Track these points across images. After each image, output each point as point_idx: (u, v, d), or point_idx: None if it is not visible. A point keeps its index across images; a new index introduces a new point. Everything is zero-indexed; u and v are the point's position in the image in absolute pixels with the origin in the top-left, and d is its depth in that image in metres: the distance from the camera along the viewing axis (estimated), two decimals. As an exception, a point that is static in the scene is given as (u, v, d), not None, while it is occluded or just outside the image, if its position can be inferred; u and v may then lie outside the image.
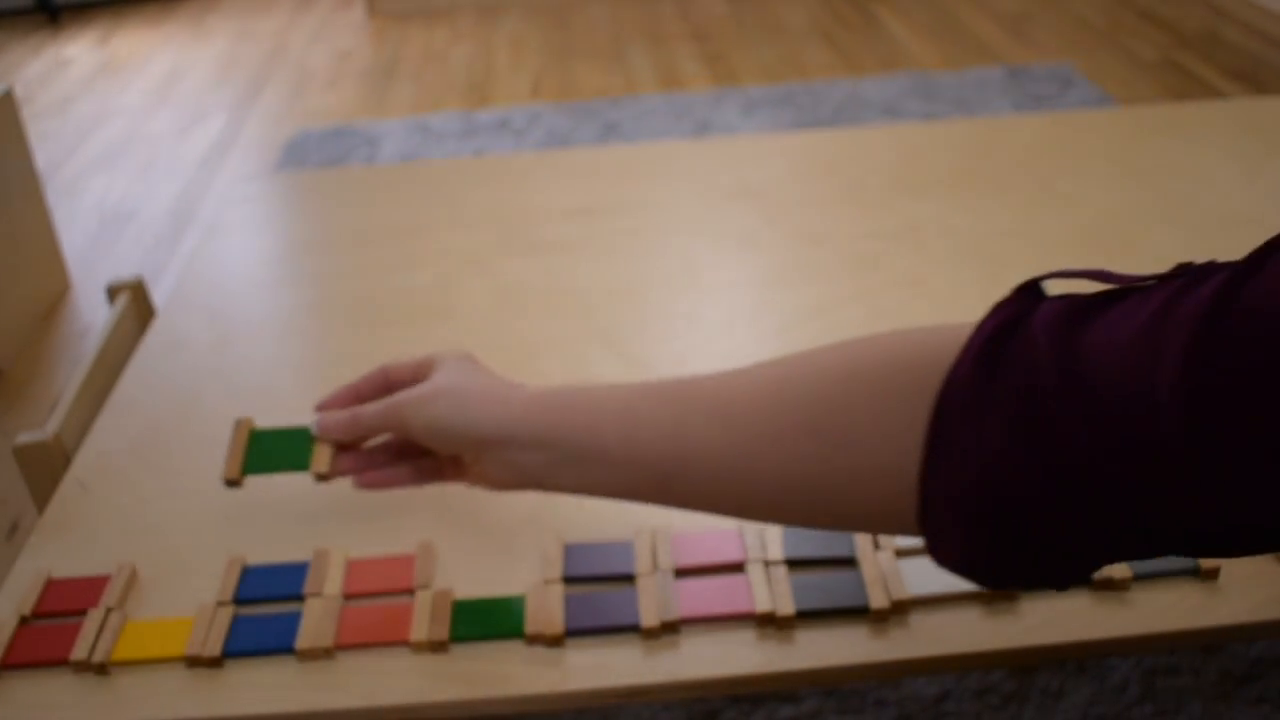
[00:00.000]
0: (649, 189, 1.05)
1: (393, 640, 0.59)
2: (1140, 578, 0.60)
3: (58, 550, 0.67)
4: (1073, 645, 0.58)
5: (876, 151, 1.09)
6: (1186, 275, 0.37)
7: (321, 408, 0.62)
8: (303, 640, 0.59)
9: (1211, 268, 0.36)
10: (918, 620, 0.59)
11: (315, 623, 0.60)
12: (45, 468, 0.74)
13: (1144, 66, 2.55)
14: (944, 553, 0.42)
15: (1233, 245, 0.89)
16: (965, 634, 0.58)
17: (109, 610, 0.61)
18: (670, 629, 0.59)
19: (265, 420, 0.67)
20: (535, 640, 0.59)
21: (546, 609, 0.60)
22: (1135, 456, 0.35)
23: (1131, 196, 0.98)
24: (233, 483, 0.64)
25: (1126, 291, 0.39)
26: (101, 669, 0.59)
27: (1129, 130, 1.10)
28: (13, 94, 1.86)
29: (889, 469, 0.42)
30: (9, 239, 1.82)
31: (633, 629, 0.59)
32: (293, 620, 0.60)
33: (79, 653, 0.59)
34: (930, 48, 2.73)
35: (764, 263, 0.93)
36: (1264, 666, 1.05)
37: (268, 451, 0.64)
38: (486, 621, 0.60)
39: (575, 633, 0.59)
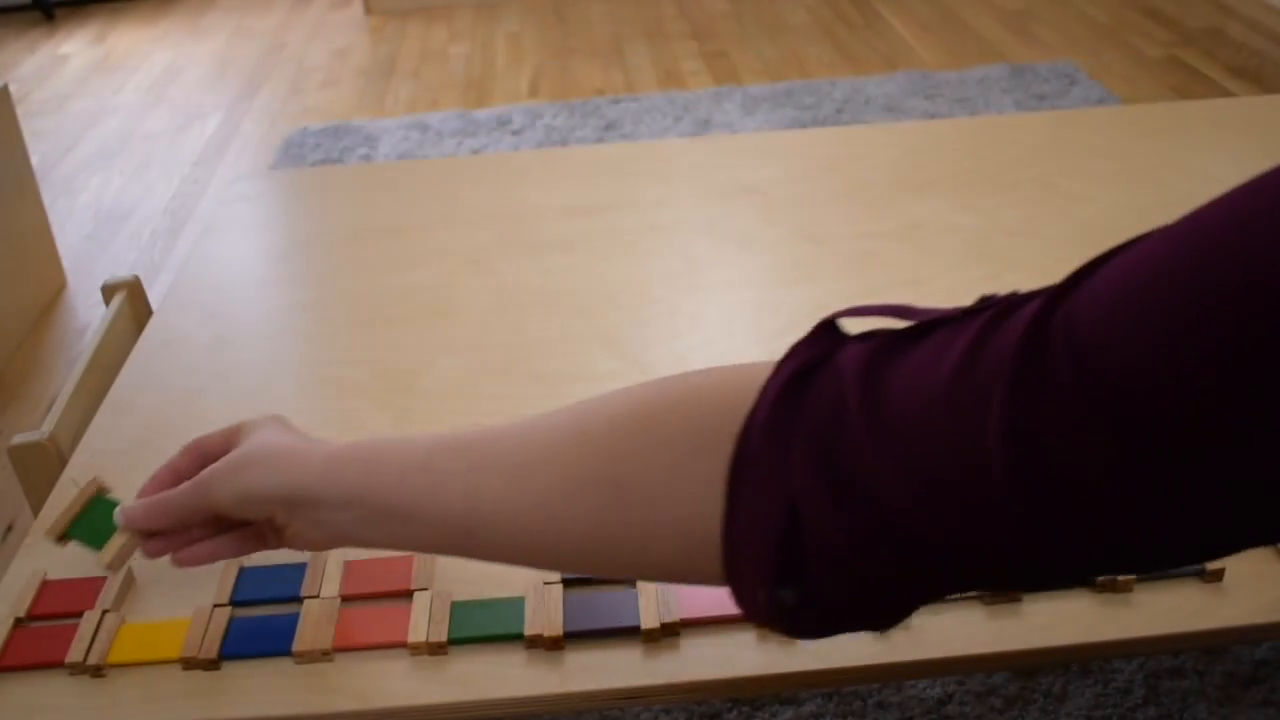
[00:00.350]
0: (649, 188, 1.04)
1: (391, 642, 0.59)
2: (1144, 579, 0.59)
3: (53, 552, 0.67)
4: (1076, 647, 0.57)
5: (878, 150, 1.08)
6: (992, 307, 0.35)
7: (142, 494, 0.58)
8: (300, 643, 0.59)
9: (1015, 299, 0.35)
10: (920, 622, 0.58)
11: (313, 625, 0.60)
12: (41, 468, 0.73)
13: (1148, 64, 2.54)
14: (750, 606, 0.40)
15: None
16: (968, 636, 0.58)
17: (105, 612, 0.61)
18: (670, 631, 0.59)
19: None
20: (534, 642, 0.58)
21: (546, 611, 0.59)
22: (959, 505, 0.34)
23: (1135, 195, 0.97)
24: (58, 539, 0.61)
25: (932, 327, 0.37)
26: (97, 671, 0.58)
27: (1132, 129, 1.09)
28: (8, 92, 1.85)
29: (688, 521, 0.40)
30: (4, 238, 1.82)
31: (632, 631, 0.59)
32: (290, 622, 0.60)
33: (75, 655, 0.58)
34: (932, 46, 2.73)
35: (764, 262, 0.92)
36: (1269, 669, 1.05)
37: (91, 522, 0.61)
38: (485, 623, 0.59)
39: (574, 635, 0.59)
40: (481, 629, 0.59)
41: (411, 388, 0.79)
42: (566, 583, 0.61)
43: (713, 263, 0.92)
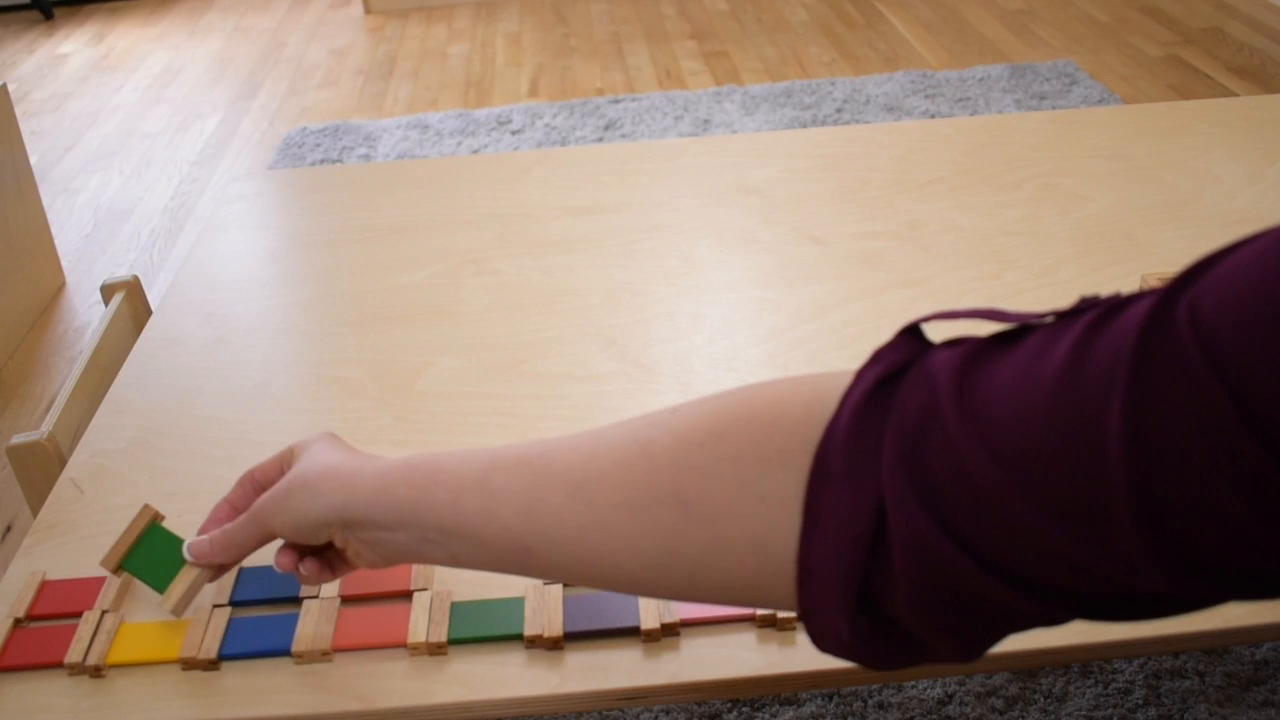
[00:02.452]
0: (649, 188, 1.04)
1: (390, 643, 0.59)
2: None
3: (52, 552, 0.67)
4: (1076, 648, 0.57)
5: (878, 150, 1.08)
6: (1095, 307, 0.33)
7: (203, 529, 0.58)
8: (300, 643, 0.58)
9: (1119, 299, 0.32)
10: (921, 623, 0.58)
11: (312, 625, 0.59)
12: (40, 468, 0.73)
13: (1148, 63, 2.54)
14: (827, 634, 0.38)
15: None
16: (969, 637, 0.57)
17: (104, 612, 0.61)
18: (670, 631, 0.59)
19: (265, 425, 0.66)
20: (534, 643, 0.58)
21: (545, 611, 0.59)
22: (1068, 512, 0.30)
23: (1135, 194, 0.97)
24: (114, 571, 0.60)
25: (1027, 329, 0.34)
26: (96, 672, 0.58)
27: (1133, 128, 1.09)
28: (7, 91, 1.85)
29: (759, 542, 0.38)
30: (3, 237, 1.82)
31: (632, 631, 0.58)
32: (290, 623, 0.60)
33: (74, 655, 0.58)
34: (933, 45, 2.73)
35: (764, 262, 0.92)
36: (1269, 669, 1.05)
37: (148, 555, 0.59)
38: (485, 624, 0.59)
39: (574, 635, 0.58)
40: (481, 629, 0.59)
41: (411, 388, 0.79)
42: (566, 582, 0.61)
43: (713, 263, 0.92)
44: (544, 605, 0.60)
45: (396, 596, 0.62)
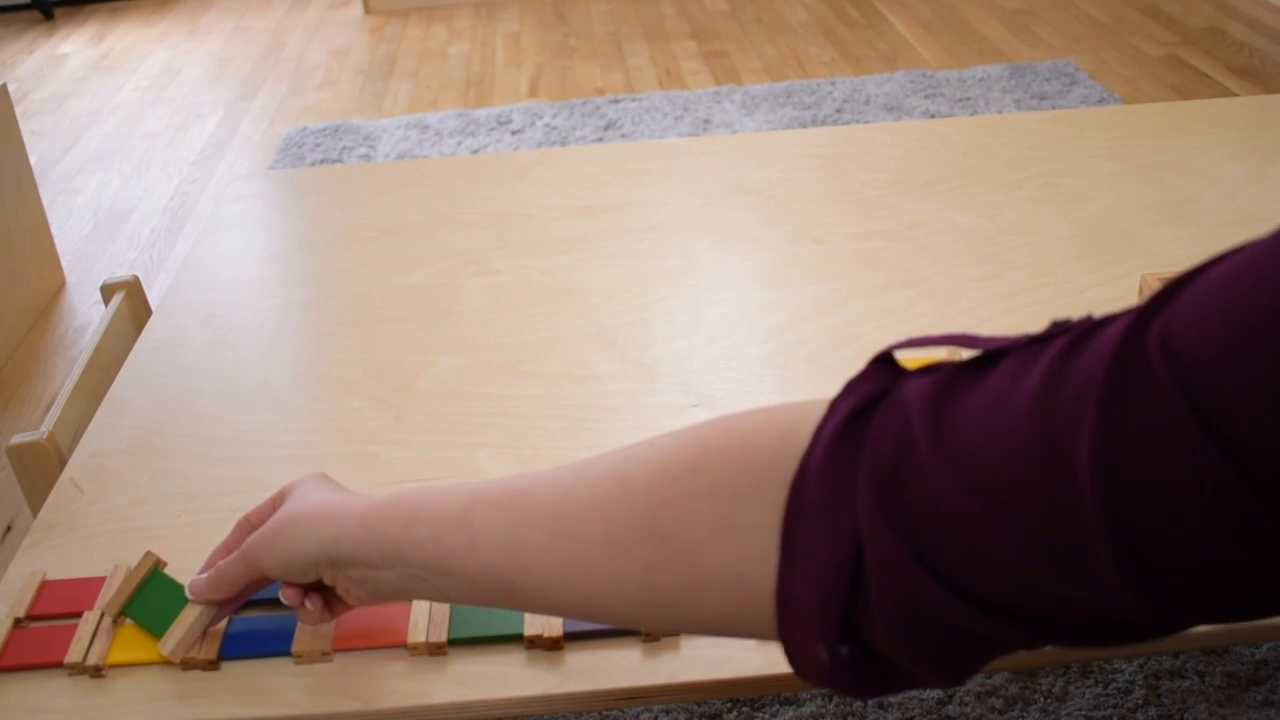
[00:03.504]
0: (649, 188, 1.04)
1: (390, 643, 0.59)
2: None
3: (52, 552, 0.67)
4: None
5: (878, 150, 1.08)
6: (1068, 331, 0.32)
7: (202, 570, 0.58)
8: (299, 643, 0.58)
9: (1092, 322, 0.32)
10: (921, 623, 0.58)
11: (312, 625, 0.59)
12: (40, 468, 0.73)
13: (1148, 64, 2.54)
14: (808, 664, 0.38)
15: (1237, 243, 0.89)
16: (969, 637, 0.57)
17: (104, 613, 0.61)
18: (670, 631, 0.58)
19: (261, 426, 0.66)
20: (534, 643, 0.58)
21: (546, 612, 0.59)
22: (1042, 540, 0.30)
23: (1135, 195, 0.97)
24: (115, 619, 0.60)
25: (1000, 354, 0.34)
26: (96, 672, 0.58)
27: (1133, 128, 1.09)
28: (7, 91, 1.85)
29: (738, 576, 0.38)
30: (3, 237, 1.82)
31: (632, 631, 0.58)
32: (290, 623, 0.60)
33: (74, 655, 0.58)
34: (933, 45, 2.73)
35: (764, 262, 0.92)
36: (1269, 669, 1.05)
37: (152, 603, 0.59)
38: (485, 624, 0.59)
39: (574, 635, 0.58)
40: (481, 629, 0.59)
41: (411, 388, 0.79)
42: (566, 583, 0.61)
43: (713, 263, 0.92)
44: (544, 605, 0.60)
45: (396, 596, 0.62)
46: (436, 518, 0.47)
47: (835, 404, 0.37)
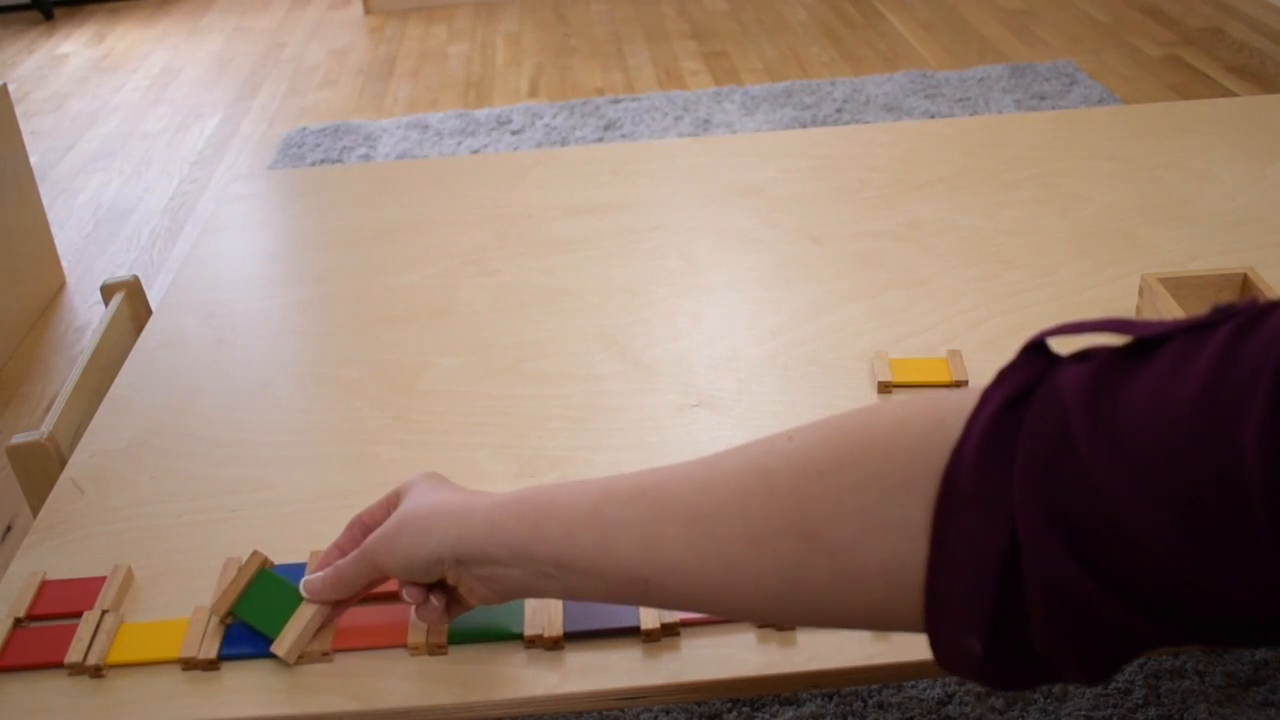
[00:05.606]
0: (649, 188, 1.04)
1: (390, 643, 0.59)
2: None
3: (52, 552, 0.67)
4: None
5: (878, 150, 1.08)
6: (1234, 317, 0.31)
7: (313, 569, 0.58)
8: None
9: (1260, 306, 0.31)
10: (921, 623, 0.58)
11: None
12: (40, 468, 0.73)
13: (1148, 64, 2.54)
14: (956, 658, 0.37)
15: (1237, 243, 0.89)
16: (969, 637, 0.57)
17: (104, 612, 0.61)
18: (670, 631, 0.58)
19: (261, 432, 0.66)
20: (534, 643, 0.58)
21: (545, 611, 0.59)
22: (1206, 531, 0.29)
23: (1135, 195, 0.97)
24: (222, 619, 0.60)
25: (1161, 340, 0.33)
26: (96, 672, 0.58)
27: (1133, 128, 1.09)
28: (7, 91, 1.85)
29: (886, 570, 0.38)
30: (4, 237, 1.82)
31: (632, 631, 0.58)
32: (289, 623, 0.60)
33: (74, 655, 0.58)
34: (933, 45, 2.73)
35: (764, 262, 0.92)
36: (1269, 669, 1.05)
37: (260, 602, 0.59)
38: (485, 624, 0.59)
39: (574, 635, 0.58)
40: (481, 629, 0.59)
41: (411, 388, 0.79)
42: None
43: (713, 263, 0.92)
44: (544, 605, 0.59)
45: (396, 596, 0.61)
46: (567, 513, 0.46)
47: (987, 394, 0.37)
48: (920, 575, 0.37)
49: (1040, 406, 0.34)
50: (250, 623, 0.59)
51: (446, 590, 0.54)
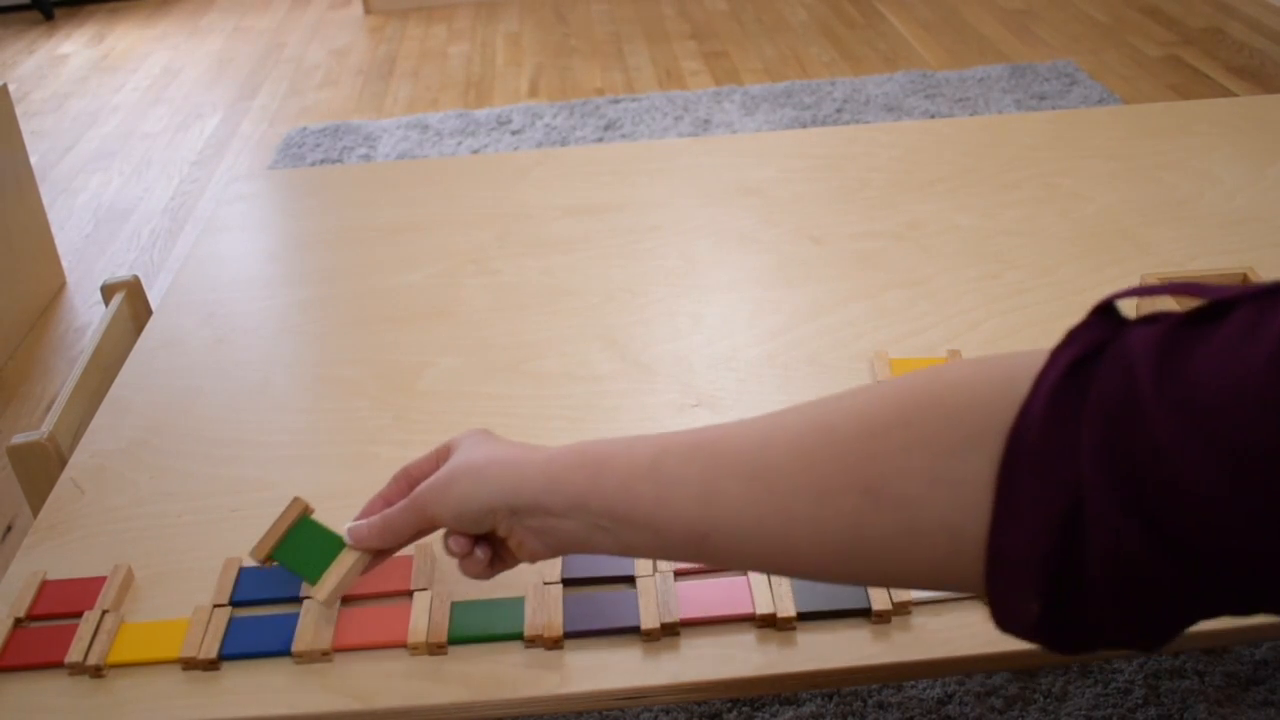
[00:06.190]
0: (649, 188, 1.04)
1: (390, 643, 0.59)
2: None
3: (53, 552, 0.67)
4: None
5: (878, 150, 1.08)
6: None
7: (360, 516, 0.58)
8: (300, 643, 0.58)
9: None
10: (920, 622, 0.58)
11: (312, 625, 0.59)
12: (40, 468, 0.73)
13: (1148, 64, 2.54)
14: (1013, 617, 0.37)
15: (1237, 243, 0.89)
16: (968, 636, 0.58)
17: (104, 612, 0.61)
18: (670, 631, 0.59)
19: (260, 433, 0.66)
20: (534, 642, 0.58)
21: (546, 611, 0.59)
22: (1275, 494, 0.29)
23: (1135, 194, 0.97)
24: (263, 561, 0.60)
25: (1231, 304, 0.33)
26: (97, 671, 0.58)
27: (1133, 128, 1.09)
28: (7, 91, 1.85)
29: (950, 527, 0.38)
30: (4, 238, 1.82)
31: (632, 631, 0.58)
32: (290, 622, 0.60)
33: (74, 655, 0.58)
34: (933, 45, 2.73)
35: (764, 262, 0.92)
36: (1269, 669, 1.05)
37: (300, 547, 0.59)
38: (485, 624, 0.59)
39: (574, 635, 0.58)
40: (481, 629, 0.59)
41: (411, 388, 0.79)
42: (566, 582, 0.61)
43: (713, 263, 0.92)
44: (544, 605, 0.60)
45: (396, 596, 0.62)
46: (625, 467, 0.46)
47: (1056, 354, 0.36)
48: (982, 533, 0.37)
49: (1109, 367, 0.34)
50: (289, 567, 0.59)
51: (492, 544, 0.54)
